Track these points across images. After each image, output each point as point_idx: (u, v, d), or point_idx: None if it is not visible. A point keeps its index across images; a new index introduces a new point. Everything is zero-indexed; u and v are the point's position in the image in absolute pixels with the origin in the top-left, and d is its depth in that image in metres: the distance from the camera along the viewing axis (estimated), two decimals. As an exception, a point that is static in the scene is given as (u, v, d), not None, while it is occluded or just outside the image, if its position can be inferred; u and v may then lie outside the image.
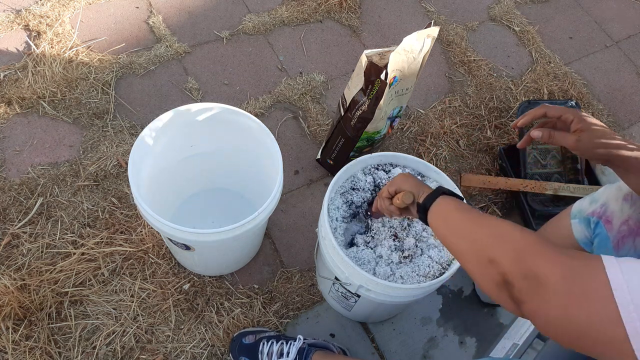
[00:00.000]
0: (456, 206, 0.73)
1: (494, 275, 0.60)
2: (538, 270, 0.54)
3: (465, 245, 0.67)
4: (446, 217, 0.73)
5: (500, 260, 0.59)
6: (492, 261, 0.60)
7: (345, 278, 0.97)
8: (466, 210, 0.71)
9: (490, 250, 0.61)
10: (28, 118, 1.41)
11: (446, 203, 0.75)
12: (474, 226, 0.67)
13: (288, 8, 1.78)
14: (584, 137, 0.78)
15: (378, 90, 1.14)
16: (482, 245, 0.63)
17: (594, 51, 1.93)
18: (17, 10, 1.60)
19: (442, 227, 0.74)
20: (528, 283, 0.54)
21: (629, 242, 0.86)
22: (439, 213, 0.75)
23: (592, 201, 0.96)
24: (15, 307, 1.09)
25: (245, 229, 0.94)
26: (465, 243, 0.67)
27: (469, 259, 0.65)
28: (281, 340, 1.07)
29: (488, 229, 0.64)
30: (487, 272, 0.61)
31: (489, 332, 1.26)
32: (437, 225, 0.75)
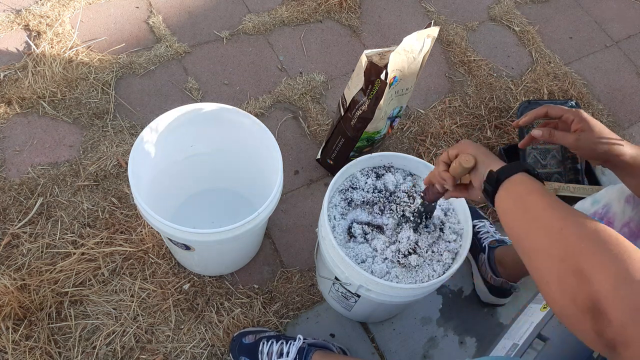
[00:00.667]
0: (541, 189, 0.58)
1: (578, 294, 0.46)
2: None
3: (547, 242, 0.51)
4: (525, 199, 0.58)
5: (597, 278, 0.44)
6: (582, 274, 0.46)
7: (345, 278, 0.97)
8: (555, 199, 0.55)
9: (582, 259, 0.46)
10: (28, 118, 1.41)
11: (528, 182, 0.60)
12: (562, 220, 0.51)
13: (288, 8, 1.78)
14: (584, 136, 0.79)
15: (378, 90, 1.14)
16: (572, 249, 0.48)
17: (594, 51, 1.93)
18: (17, 10, 1.60)
19: (513, 211, 0.58)
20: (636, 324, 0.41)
21: None
22: (516, 192, 0.60)
23: (594, 202, 0.96)
24: (15, 307, 1.09)
25: (245, 229, 0.94)
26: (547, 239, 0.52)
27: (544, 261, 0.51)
28: (281, 340, 1.07)
29: (586, 230, 0.49)
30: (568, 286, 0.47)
31: (489, 332, 1.26)
32: (508, 207, 0.59)
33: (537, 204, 0.56)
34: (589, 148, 0.79)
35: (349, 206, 1.04)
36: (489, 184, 0.64)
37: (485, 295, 1.27)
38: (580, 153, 0.80)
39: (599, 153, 0.78)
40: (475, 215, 1.35)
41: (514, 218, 0.58)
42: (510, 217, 0.59)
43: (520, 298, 1.29)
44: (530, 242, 0.54)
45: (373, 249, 0.99)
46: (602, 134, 0.78)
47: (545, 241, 0.52)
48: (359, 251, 0.98)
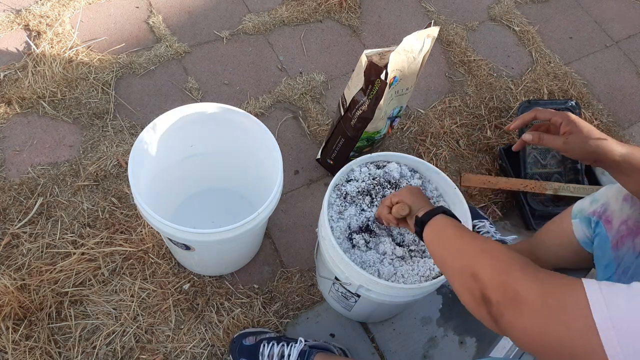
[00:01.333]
0: (452, 224, 0.76)
1: (474, 290, 0.62)
2: (517, 286, 0.56)
3: (452, 260, 0.69)
4: (440, 231, 0.76)
5: (482, 275, 0.61)
6: (475, 276, 0.62)
7: (345, 278, 0.97)
8: (461, 229, 0.74)
9: (474, 266, 0.63)
10: (28, 118, 1.41)
11: (444, 220, 0.77)
12: (463, 242, 0.70)
13: (288, 8, 1.78)
14: (572, 139, 0.80)
15: (378, 90, 1.14)
16: (468, 260, 0.65)
17: (594, 51, 1.93)
18: (17, 10, 1.60)
19: (434, 242, 0.76)
20: (507, 298, 0.56)
21: (628, 242, 0.86)
22: (435, 228, 0.77)
23: (593, 201, 0.97)
24: (15, 307, 1.09)
25: (245, 229, 0.94)
26: (453, 257, 0.69)
27: (454, 273, 0.68)
28: (282, 342, 1.07)
29: (476, 246, 0.67)
30: (468, 287, 0.63)
31: (489, 332, 1.25)
32: (431, 239, 0.77)
33: (448, 233, 0.74)
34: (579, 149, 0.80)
35: (344, 201, 1.04)
36: (417, 226, 0.81)
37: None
38: (570, 155, 0.82)
39: (588, 153, 0.80)
40: (475, 215, 1.35)
41: (435, 247, 0.75)
42: (433, 247, 0.76)
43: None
44: (443, 261, 0.72)
45: (381, 253, 0.99)
46: (590, 135, 0.80)
47: (451, 259, 0.70)
48: (367, 258, 0.98)
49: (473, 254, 0.66)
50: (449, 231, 0.74)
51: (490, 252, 0.64)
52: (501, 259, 0.61)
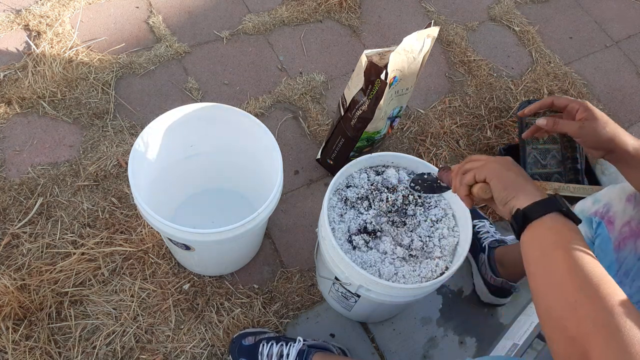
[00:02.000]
0: (570, 239, 0.55)
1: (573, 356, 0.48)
2: None
3: (560, 311, 0.51)
4: (550, 253, 0.56)
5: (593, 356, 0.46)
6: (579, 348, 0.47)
7: (345, 278, 0.97)
8: (581, 255, 0.54)
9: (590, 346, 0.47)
10: (28, 118, 1.41)
11: (556, 227, 0.57)
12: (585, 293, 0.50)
13: (288, 8, 1.78)
14: (587, 125, 0.79)
15: (378, 90, 1.14)
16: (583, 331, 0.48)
17: (594, 51, 1.93)
18: (17, 10, 1.60)
19: (537, 265, 0.57)
20: None
21: (630, 243, 0.85)
22: (542, 240, 0.57)
23: (595, 201, 0.96)
24: (15, 307, 1.09)
25: (245, 229, 0.94)
26: (564, 311, 0.51)
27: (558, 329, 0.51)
28: (281, 342, 1.07)
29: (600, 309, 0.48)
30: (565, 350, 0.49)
31: (489, 332, 1.26)
32: (532, 254, 0.58)
33: (560, 265, 0.54)
34: (593, 136, 0.79)
35: (345, 205, 1.04)
36: (515, 222, 0.61)
37: (485, 295, 1.27)
38: (584, 141, 0.80)
39: (602, 141, 0.78)
40: (476, 215, 1.35)
41: (536, 273, 0.56)
42: (533, 269, 0.57)
43: (520, 298, 1.29)
44: (546, 303, 0.53)
45: (382, 252, 0.99)
46: (606, 123, 0.79)
47: (560, 311, 0.51)
48: (367, 258, 0.98)
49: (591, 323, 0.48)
50: (559, 257, 0.54)
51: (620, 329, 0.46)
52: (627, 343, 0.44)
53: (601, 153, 0.81)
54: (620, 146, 0.78)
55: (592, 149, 0.81)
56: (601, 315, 0.48)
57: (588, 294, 0.50)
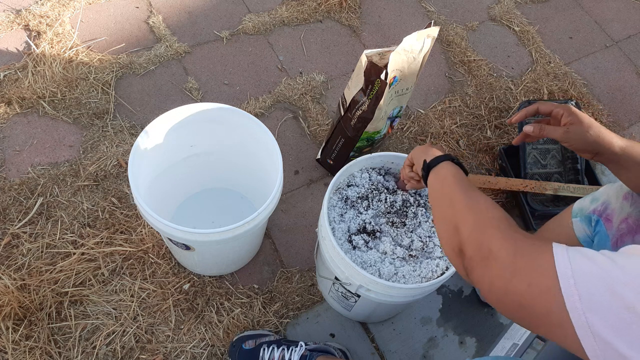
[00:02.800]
0: (455, 173, 0.75)
1: (454, 242, 0.64)
2: (491, 244, 0.58)
3: (443, 210, 0.71)
4: (442, 179, 0.76)
5: (462, 230, 0.63)
6: (456, 229, 0.64)
7: (345, 278, 0.97)
8: (461, 180, 0.73)
9: (457, 219, 0.65)
10: (28, 118, 1.41)
11: (449, 167, 0.77)
12: (457, 193, 0.70)
13: (288, 8, 1.78)
14: (572, 129, 0.81)
15: (378, 90, 1.14)
16: (454, 213, 0.67)
17: (594, 51, 1.93)
18: (17, 10, 1.60)
19: (435, 189, 0.76)
20: (479, 254, 0.59)
21: (628, 240, 0.86)
22: (439, 174, 0.77)
23: (593, 199, 0.97)
24: (15, 307, 1.09)
25: (245, 229, 0.94)
26: (444, 207, 0.71)
27: (441, 222, 0.70)
28: (282, 346, 1.06)
29: (465, 200, 0.68)
30: (450, 238, 0.66)
31: (489, 332, 1.26)
32: (432, 186, 0.77)
33: (448, 183, 0.73)
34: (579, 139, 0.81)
35: (345, 205, 1.04)
36: (423, 170, 0.81)
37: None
38: (570, 145, 0.83)
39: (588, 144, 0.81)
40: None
41: (434, 194, 0.76)
42: (432, 194, 0.77)
43: (520, 298, 1.29)
44: (437, 210, 0.73)
45: (382, 252, 0.99)
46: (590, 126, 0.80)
47: (443, 209, 0.71)
48: (367, 258, 0.98)
49: (460, 207, 0.67)
50: (449, 180, 0.74)
51: (475, 208, 0.65)
52: (483, 216, 0.63)
53: (589, 155, 0.83)
54: (606, 147, 0.79)
55: (579, 152, 0.83)
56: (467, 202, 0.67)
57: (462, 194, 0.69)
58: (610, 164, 0.83)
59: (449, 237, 0.66)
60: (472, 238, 0.61)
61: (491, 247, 0.57)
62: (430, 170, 0.79)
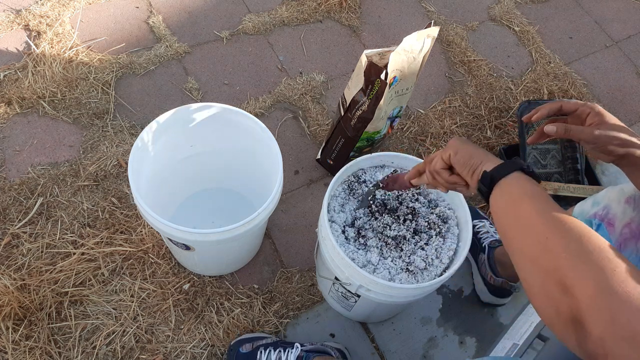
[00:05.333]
0: (534, 191, 0.57)
1: (562, 305, 0.46)
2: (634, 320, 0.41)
3: (534, 252, 0.52)
4: (517, 202, 0.58)
5: (578, 290, 0.45)
6: (565, 287, 0.46)
7: (345, 278, 0.97)
8: (547, 202, 0.55)
9: (564, 271, 0.47)
10: (28, 118, 1.41)
11: (522, 183, 0.60)
12: (554, 229, 0.51)
13: (288, 8, 1.78)
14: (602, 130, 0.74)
15: (378, 90, 1.14)
16: (556, 261, 0.48)
17: (594, 51, 1.93)
18: (17, 10, 1.60)
19: (507, 215, 0.58)
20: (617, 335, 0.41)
21: (631, 245, 0.85)
22: (510, 193, 0.60)
23: (594, 203, 0.95)
24: (15, 307, 1.09)
25: (245, 229, 0.94)
26: (534, 248, 0.52)
27: (533, 270, 0.51)
28: (279, 348, 1.06)
29: (570, 240, 0.49)
30: (552, 296, 0.47)
31: (489, 332, 1.26)
32: (501, 209, 0.60)
33: (527, 210, 0.56)
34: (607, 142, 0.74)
35: (349, 195, 1.04)
36: (483, 185, 0.64)
37: (485, 295, 1.27)
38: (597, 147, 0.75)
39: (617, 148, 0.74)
40: (475, 215, 1.35)
41: (506, 222, 0.58)
42: (503, 220, 0.59)
43: (520, 298, 1.29)
44: (519, 248, 0.55)
45: (382, 257, 0.99)
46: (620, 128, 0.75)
47: (532, 250, 0.52)
48: (367, 258, 0.98)
49: (563, 251, 0.48)
50: (527, 205, 0.56)
51: (591, 252, 0.47)
52: (612, 264, 0.45)
53: (612, 158, 0.76)
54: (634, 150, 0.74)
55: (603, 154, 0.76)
56: (572, 245, 0.49)
57: (557, 230, 0.51)
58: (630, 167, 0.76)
59: (550, 295, 0.47)
60: (599, 306, 0.43)
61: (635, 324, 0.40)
62: (496, 185, 0.61)
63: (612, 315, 0.42)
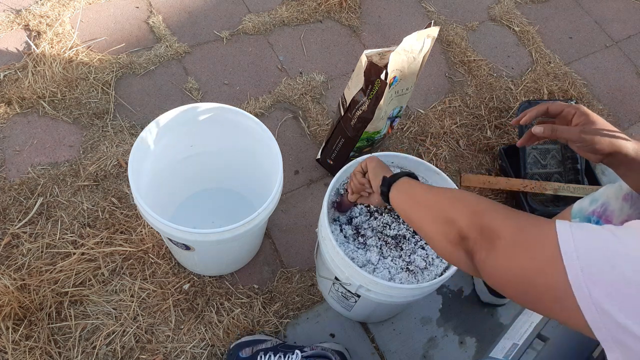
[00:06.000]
0: (418, 183, 0.80)
1: (451, 233, 0.64)
2: (493, 224, 0.59)
3: (425, 211, 0.71)
4: (408, 190, 0.79)
5: (458, 218, 0.64)
6: (450, 220, 0.65)
7: (346, 278, 0.97)
8: (428, 186, 0.79)
9: (449, 212, 0.66)
10: (28, 118, 1.41)
11: (410, 181, 0.81)
12: (434, 195, 0.73)
13: (288, 8, 1.78)
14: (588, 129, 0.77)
15: (378, 90, 1.14)
16: (442, 208, 0.68)
17: (594, 51, 1.93)
18: (17, 10, 1.60)
19: (404, 199, 0.78)
20: (482, 236, 0.59)
21: None
22: (403, 187, 0.80)
23: (593, 201, 0.96)
24: (15, 307, 1.09)
25: (245, 229, 0.94)
26: (426, 209, 0.72)
27: (428, 223, 0.70)
28: (279, 354, 1.06)
29: (447, 195, 0.71)
30: (444, 231, 0.65)
31: (489, 332, 1.26)
32: (399, 198, 0.79)
33: (419, 191, 0.77)
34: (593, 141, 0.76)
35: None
36: (383, 186, 0.83)
37: (485, 295, 1.27)
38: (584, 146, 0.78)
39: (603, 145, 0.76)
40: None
41: (406, 206, 0.77)
42: (403, 206, 0.78)
43: (520, 298, 1.29)
44: (416, 215, 0.74)
45: (381, 256, 0.99)
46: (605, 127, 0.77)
47: (424, 211, 0.72)
48: (367, 258, 0.98)
49: (446, 203, 0.68)
50: (418, 188, 0.77)
51: (462, 199, 0.67)
52: (474, 202, 0.65)
53: (599, 157, 0.78)
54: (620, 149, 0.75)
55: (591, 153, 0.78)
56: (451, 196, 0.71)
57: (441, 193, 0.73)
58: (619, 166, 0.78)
59: (443, 232, 0.66)
60: (473, 223, 0.61)
61: (494, 227, 0.58)
62: (392, 186, 0.81)
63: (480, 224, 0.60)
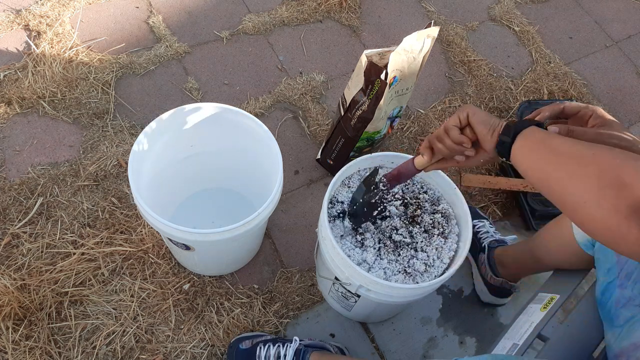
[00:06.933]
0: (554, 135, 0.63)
1: (621, 201, 0.51)
2: None
3: (577, 169, 0.56)
4: (546, 139, 0.63)
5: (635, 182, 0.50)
6: (621, 184, 0.51)
7: (345, 278, 0.97)
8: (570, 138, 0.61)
9: (619, 171, 0.52)
10: (28, 118, 1.41)
11: (542, 132, 0.65)
12: (588, 148, 0.57)
13: (288, 8, 1.78)
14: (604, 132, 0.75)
15: (378, 90, 1.14)
16: (606, 167, 0.53)
17: (594, 51, 1.93)
18: (17, 10, 1.60)
19: (540, 151, 0.63)
20: None
21: None
22: (536, 136, 0.64)
23: None
24: (15, 307, 1.09)
25: (245, 229, 0.94)
26: (577, 166, 0.56)
27: (582, 182, 0.55)
28: (278, 344, 1.07)
29: (611, 151, 0.55)
30: (610, 197, 0.52)
31: (489, 332, 1.26)
32: (531, 150, 0.64)
33: (562, 143, 0.60)
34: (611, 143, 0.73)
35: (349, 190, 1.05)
36: (506, 136, 0.68)
37: (485, 295, 1.27)
38: None
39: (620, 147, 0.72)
40: (475, 215, 1.35)
41: (542, 162, 0.62)
42: (536, 160, 0.63)
43: (520, 298, 1.29)
44: (562, 176, 0.58)
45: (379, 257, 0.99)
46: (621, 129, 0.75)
47: (578, 168, 0.56)
48: (367, 258, 0.98)
49: (612, 160, 0.53)
50: (558, 140, 0.61)
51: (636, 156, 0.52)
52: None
53: None
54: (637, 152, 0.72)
55: None
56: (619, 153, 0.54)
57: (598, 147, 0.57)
58: None
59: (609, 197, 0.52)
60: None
61: None
62: (518, 135, 0.66)
63: None
